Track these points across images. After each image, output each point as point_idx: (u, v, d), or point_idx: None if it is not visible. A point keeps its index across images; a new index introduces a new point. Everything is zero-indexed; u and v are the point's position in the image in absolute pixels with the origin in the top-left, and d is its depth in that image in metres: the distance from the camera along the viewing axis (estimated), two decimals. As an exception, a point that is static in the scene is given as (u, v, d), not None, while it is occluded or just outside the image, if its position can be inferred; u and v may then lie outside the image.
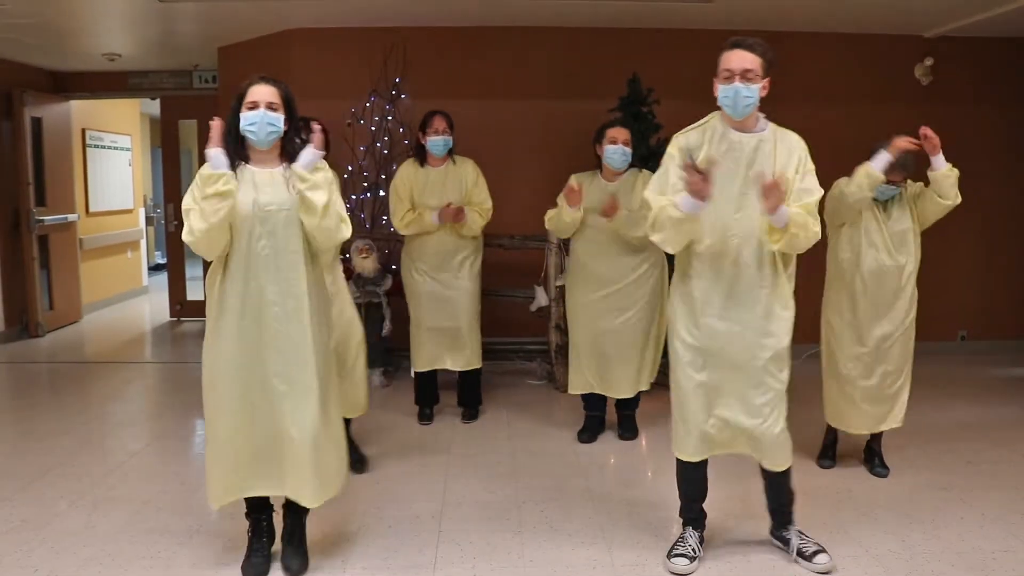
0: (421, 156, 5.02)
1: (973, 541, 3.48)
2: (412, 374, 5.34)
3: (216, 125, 3.01)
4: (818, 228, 3.06)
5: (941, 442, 4.77)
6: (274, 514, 3.29)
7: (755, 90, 3.02)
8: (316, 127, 4.03)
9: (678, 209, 3.02)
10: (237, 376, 3.04)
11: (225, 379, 3.05)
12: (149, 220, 11.87)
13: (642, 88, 5.87)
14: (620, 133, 4.61)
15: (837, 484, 4.12)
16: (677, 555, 3.26)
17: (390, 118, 6.55)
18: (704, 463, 3.33)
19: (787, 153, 3.10)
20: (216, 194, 2.89)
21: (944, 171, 4.03)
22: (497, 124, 6.52)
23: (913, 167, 4.04)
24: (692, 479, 3.36)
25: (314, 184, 2.97)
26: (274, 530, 3.28)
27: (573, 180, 4.67)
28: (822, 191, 3.15)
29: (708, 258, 3.16)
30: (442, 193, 4.95)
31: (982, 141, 6.93)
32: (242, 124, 3.00)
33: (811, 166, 3.12)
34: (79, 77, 8.70)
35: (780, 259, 3.14)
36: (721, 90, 3.06)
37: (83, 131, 9.23)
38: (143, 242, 11.01)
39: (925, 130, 3.91)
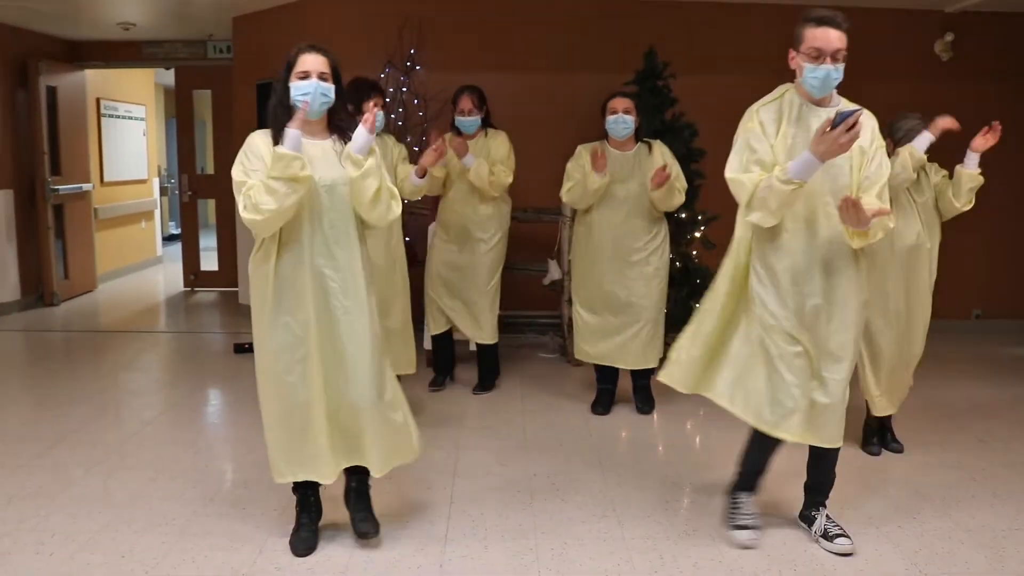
0: (457, 130, 5.03)
1: (984, 519, 3.48)
2: (428, 342, 5.40)
3: (300, 114, 2.91)
4: (889, 220, 2.96)
5: (953, 420, 4.77)
6: (321, 488, 3.28)
7: (842, 69, 2.95)
8: (370, 105, 3.98)
9: (787, 177, 2.87)
10: (301, 353, 3.02)
11: (287, 357, 3.02)
12: (163, 190, 11.89)
13: (658, 62, 5.83)
14: (619, 103, 4.60)
15: (848, 461, 4.10)
16: (740, 526, 3.25)
17: (404, 90, 6.52)
18: None
19: (862, 128, 2.97)
20: (292, 178, 2.84)
21: (971, 172, 3.95)
22: (512, 97, 6.48)
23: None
24: (766, 451, 3.28)
25: (367, 171, 2.93)
26: (321, 504, 3.29)
27: (581, 149, 4.72)
28: (889, 168, 3.11)
29: (798, 233, 3.05)
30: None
31: (1002, 118, 6.69)
32: (293, 94, 2.95)
33: (882, 141, 3.07)
34: (94, 46, 8.70)
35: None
36: (808, 70, 2.95)
37: (98, 100, 9.23)
38: (157, 212, 11.05)
39: (998, 124, 3.89)
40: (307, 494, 3.24)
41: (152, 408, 5.01)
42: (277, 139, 2.93)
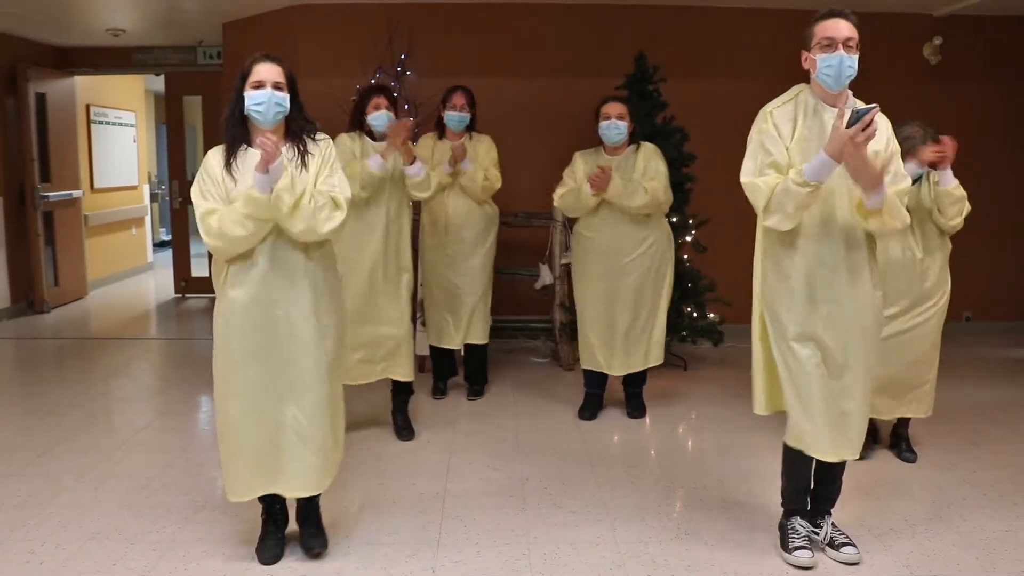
0: (440, 129, 5.03)
1: (976, 521, 3.49)
2: (427, 349, 5.39)
3: (272, 146, 2.84)
4: (907, 215, 2.93)
5: (945, 423, 4.77)
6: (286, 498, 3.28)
7: (856, 60, 2.90)
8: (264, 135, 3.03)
9: (803, 179, 2.82)
10: (246, 367, 3.06)
11: (234, 370, 3.09)
12: (154, 197, 11.85)
13: (648, 66, 5.84)
14: (612, 108, 4.60)
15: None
16: (798, 548, 3.14)
17: (395, 95, 6.50)
18: None
19: (877, 131, 2.89)
20: (267, 219, 2.89)
21: (948, 188, 3.86)
22: (502, 102, 6.48)
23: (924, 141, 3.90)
24: (803, 467, 3.21)
25: (275, 197, 2.88)
26: (287, 514, 3.28)
27: (577, 156, 4.70)
28: (910, 177, 3.04)
29: (812, 237, 2.99)
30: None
31: (990, 121, 6.88)
32: (247, 104, 2.93)
33: (897, 147, 3.00)
34: (83, 52, 8.67)
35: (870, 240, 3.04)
36: (822, 60, 2.90)
37: (87, 107, 9.21)
38: (148, 219, 11.01)
39: (946, 139, 3.80)
40: (272, 503, 3.23)
41: (143, 415, 4.99)
42: (231, 152, 2.95)
